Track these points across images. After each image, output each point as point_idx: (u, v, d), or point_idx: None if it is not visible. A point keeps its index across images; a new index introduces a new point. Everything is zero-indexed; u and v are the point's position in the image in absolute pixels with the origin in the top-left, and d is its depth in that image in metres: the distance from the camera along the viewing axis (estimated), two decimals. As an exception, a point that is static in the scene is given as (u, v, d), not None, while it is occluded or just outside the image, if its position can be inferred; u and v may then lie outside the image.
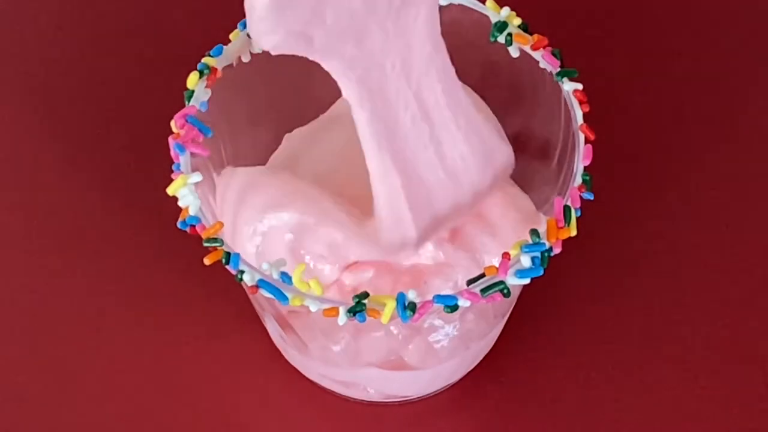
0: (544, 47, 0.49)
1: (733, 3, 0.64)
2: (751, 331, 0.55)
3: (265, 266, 0.45)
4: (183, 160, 0.47)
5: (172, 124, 0.47)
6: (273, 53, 0.42)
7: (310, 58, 0.43)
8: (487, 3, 0.50)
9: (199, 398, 0.54)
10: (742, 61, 0.62)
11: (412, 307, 0.44)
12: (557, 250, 0.45)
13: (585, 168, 0.47)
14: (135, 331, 0.55)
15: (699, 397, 0.54)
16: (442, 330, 0.49)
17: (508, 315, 0.53)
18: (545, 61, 0.49)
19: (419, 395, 0.54)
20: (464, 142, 0.47)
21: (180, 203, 0.46)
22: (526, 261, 0.45)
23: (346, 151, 0.49)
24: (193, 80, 0.48)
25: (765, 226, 0.58)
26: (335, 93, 0.45)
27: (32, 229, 0.58)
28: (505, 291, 0.44)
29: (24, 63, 0.63)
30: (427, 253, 0.49)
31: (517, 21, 0.50)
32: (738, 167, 0.59)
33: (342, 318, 0.44)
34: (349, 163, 0.48)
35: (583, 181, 0.47)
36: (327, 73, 0.54)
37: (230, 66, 0.50)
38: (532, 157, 0.52)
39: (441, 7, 0.51)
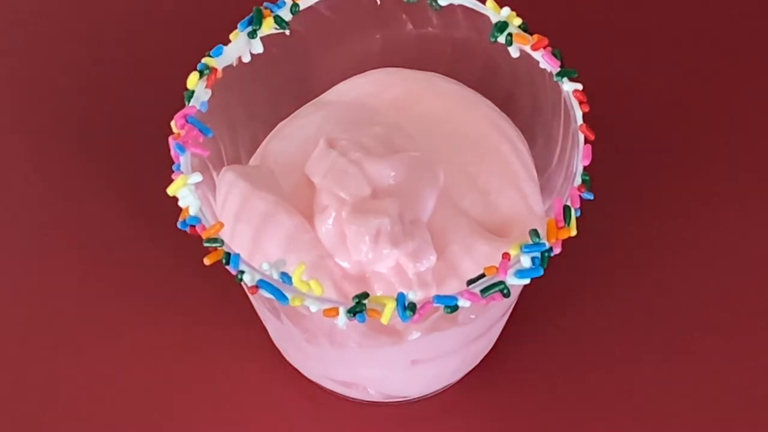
0: (544, 47, 0.49)
1: (734, 3, 0.64)
2: (753, 329, 0.55)
3: (265, 266, 0.45)
4: (183, 160, 0.47)
5: (172, 124, 0.47)
6: None
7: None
8: (487, 3, 0.50)
9: (199, 398, 0.54)
10: (743, 61, 0.62)
11: (412, 307, 0.44)
12: (557, 250, 0.45)
13: (585, 168, 0.47)
14: (134, 332, 0.55)
15: (699, 395, 0.54)
16: None
17: (508, 315, 0.53)
18: (545, 61, 0.49)
19: (419, 395, 0.54)
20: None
21: (180, 203, 0.46)
22: (526, 261, 0.45)
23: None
24: (193, 80, 0.48)
25: (766, 226, 0.58)
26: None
27: (32, 230, 0.58)
28: (505, 291, 0.44)
29: (24, 63, 0.63)
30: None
31: (517, 21, 0.50)
32: (738, 167, 0.59)
33: (342, 318, 0.44)
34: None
35: (583, 181, 0.47)
36: (326, 74, 0.54)
37: (230, 66, 0.50)
38: (531, 157, 0.52)
39: (441, 8, 0.51)
